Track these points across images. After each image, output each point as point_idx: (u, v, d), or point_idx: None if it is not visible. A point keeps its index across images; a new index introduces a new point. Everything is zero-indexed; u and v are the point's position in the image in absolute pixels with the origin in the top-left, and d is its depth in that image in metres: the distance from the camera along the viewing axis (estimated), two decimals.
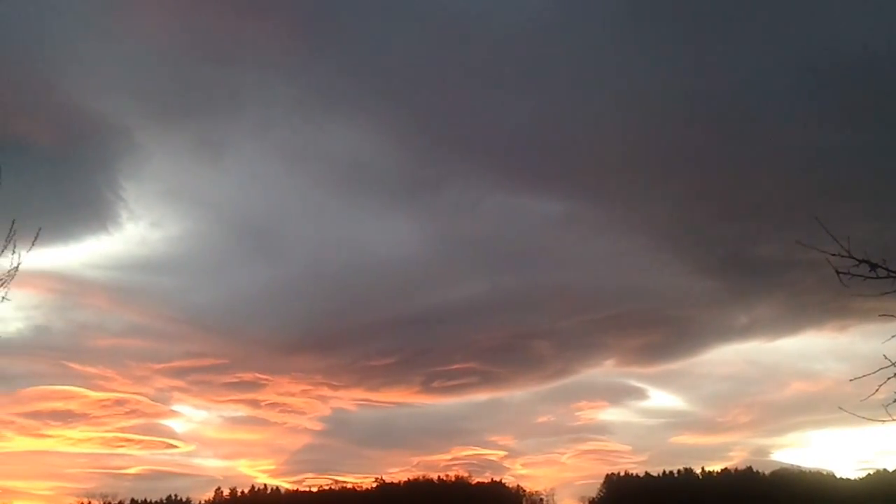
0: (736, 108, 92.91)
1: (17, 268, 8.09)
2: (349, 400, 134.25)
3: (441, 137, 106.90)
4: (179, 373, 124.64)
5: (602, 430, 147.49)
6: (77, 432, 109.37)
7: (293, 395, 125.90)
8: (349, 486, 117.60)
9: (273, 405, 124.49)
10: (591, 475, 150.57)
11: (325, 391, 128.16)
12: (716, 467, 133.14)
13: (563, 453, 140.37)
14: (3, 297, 8.02)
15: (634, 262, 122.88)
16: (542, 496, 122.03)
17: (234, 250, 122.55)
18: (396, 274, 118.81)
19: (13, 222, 8.08)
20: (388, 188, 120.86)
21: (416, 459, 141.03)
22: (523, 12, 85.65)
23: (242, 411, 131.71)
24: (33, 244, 8.30)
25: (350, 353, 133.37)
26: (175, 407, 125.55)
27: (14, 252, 8.07)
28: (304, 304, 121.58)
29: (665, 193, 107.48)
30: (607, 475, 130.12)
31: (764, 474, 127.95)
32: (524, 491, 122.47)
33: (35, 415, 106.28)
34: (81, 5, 69.63)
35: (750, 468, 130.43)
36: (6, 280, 8.03)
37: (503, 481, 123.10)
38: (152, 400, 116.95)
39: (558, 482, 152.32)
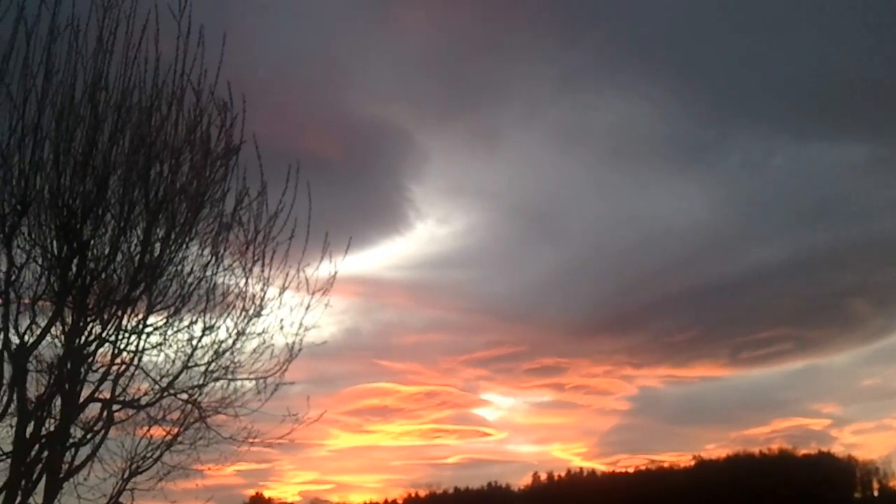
0: None
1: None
2: (654, 378, 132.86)
3: (718, 94, 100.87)
4: (483, 362, 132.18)
5: None
6: (396, 426, 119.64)
7: (596, 376, 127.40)
8: (666, 465, 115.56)
9: (577, 388, 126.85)
10: None
11: (629, 370, 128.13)
12: None
13: None
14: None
15: None
16: (877, 465, 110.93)
17: (520, 237, 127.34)
18: (686, 244, 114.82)
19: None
20: (667, 156, 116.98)
21: (732, 434, 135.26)
22: None
23: (547, 396, 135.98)
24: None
25: (648, 329, 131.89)
26: (483, 396, 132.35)
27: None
28: (594, 284, 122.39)
29: None
30: None
31: None
32: (856, 461, 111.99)
33: (356, 412, 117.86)
34: (352, 20, 76.50)
35: None
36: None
37: (831, 451, 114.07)
38: (461, 390, 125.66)
39: (894, 449, 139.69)
